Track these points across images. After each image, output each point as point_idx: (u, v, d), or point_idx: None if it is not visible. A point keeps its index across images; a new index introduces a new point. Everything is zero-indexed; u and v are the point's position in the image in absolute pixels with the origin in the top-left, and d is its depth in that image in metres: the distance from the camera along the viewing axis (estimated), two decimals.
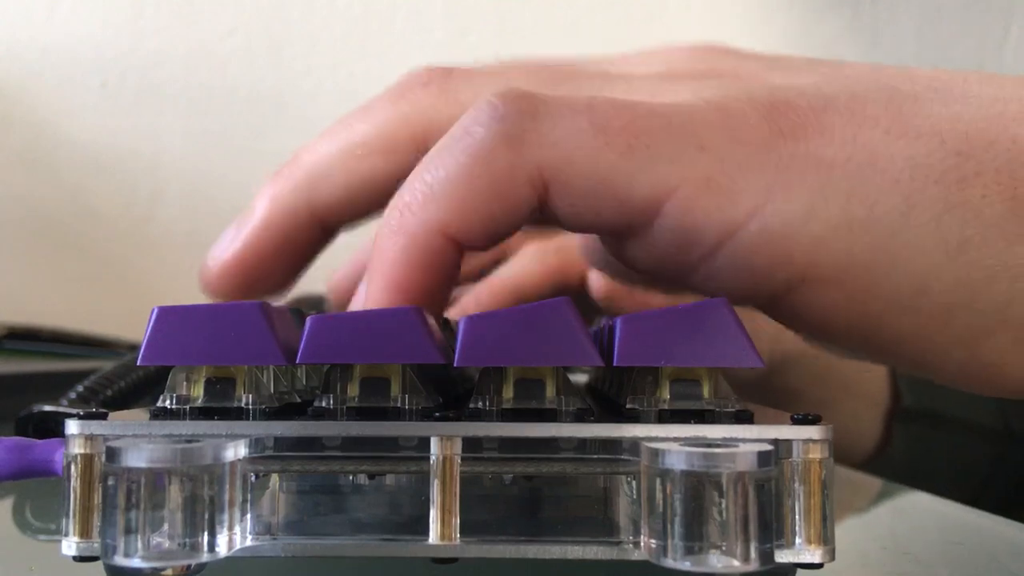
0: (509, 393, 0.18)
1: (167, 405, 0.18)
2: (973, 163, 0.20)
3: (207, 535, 0.16)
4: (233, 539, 0.16)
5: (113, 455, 0.15)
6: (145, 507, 0.15)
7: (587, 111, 0.21)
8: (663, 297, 0.38)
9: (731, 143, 0.20)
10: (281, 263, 0.26)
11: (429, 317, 0.19)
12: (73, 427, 0.17)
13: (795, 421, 0.17)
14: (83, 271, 0.86)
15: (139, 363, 0.18)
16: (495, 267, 0.44)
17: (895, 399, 0.48)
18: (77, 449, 0.17)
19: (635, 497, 0.17)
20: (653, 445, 0.16)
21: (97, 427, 0.17)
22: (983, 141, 0.20)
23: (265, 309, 0.18)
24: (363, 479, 0.19)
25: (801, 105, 0.21)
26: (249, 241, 0.26)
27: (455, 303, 0.43)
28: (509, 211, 0.21)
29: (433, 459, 0.17)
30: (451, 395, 0.21)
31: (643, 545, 0.16)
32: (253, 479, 0.17)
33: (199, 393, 0.18)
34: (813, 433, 0.17)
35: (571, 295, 0.42)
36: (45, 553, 0.22)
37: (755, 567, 0.15)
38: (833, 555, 0.17)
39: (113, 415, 0.17)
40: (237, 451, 0.16)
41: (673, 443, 0.16)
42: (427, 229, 0.21)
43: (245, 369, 0.18)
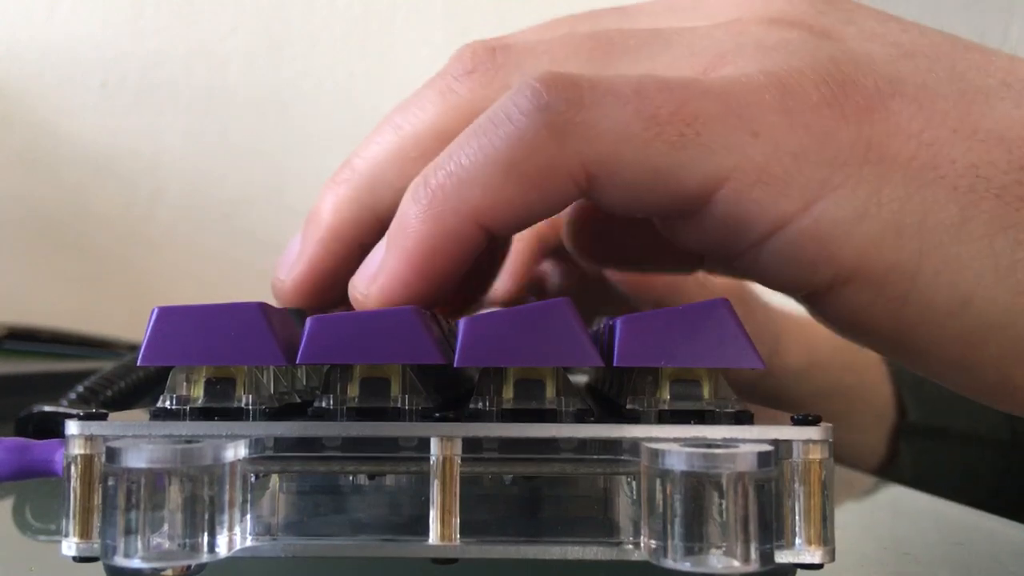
0: (509, 393, 0.18)
1: (167, 406, 0.18)
2: None
3: (207, 535, 0.16)
4: (233, 539, 0.16)
5: (113, 455, 0.15)
6: (145, 508, 0.15)
7: (635, 98, 0.20)
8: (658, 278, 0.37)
9: (788, 128, 0.19)
10: (351, 268, 0.26)
11: (429, 317, 0.19)
12: (73, 427, 0.17)
13: (795, 422, 0.17)
14: (83, 271, 0.86)
15: (139, 363, 0.17)
16: None
17: (901, 414, 0.47)
18: (77, 450, 0.17)
19: (635, 498, 0.17)
20: (653, 446, 0.16)
21: (97, 428, 0.17)
22: None
23: (265, 309, 0.18)
24: (363, 479, 0.19)
25: (868, 86, 0.20)
26: (319, 253, 0.25)
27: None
28: (547, 202, 0.20)
29: (433, 459, 0.17)
30: (451, 395, 0.21)
31: (643, 546, 0.16)
32: (253, 479, 0.17)
33: (199, 393, 0.18)
34: (813, 434, 0.17)
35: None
36: (45, 553, 0.22)
37: (755, 568, 0.15)
38: (833, 555, 0.17)
39: (113, 416, 0.17)
40: (237, 451, 0.16)
41: (673, 444, 0.16)
42: (459, 217, 0.20)
43: (245, 369, 0.18)
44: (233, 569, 0.18)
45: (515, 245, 0.41)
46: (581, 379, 0.29)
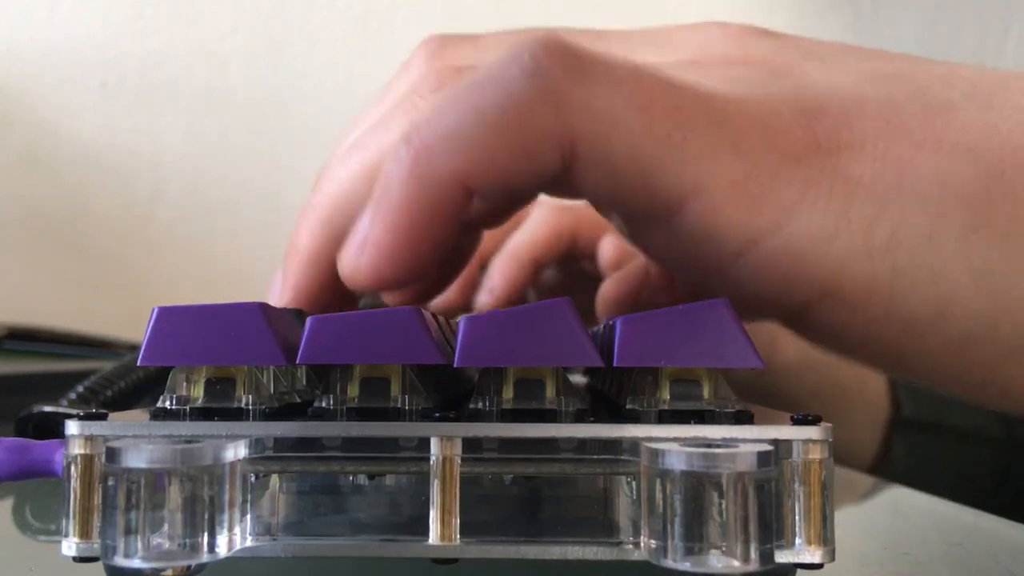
0: (509, 393, 0.18)
1: (167, 406, 0.18)
2: (1004, 186, 0.19)
3: (207, 536, 0.16)
4: (233, 540, 0.16)
5: (113, 456, 0.15)
6: (145, 508, 0.15)
7: (633, 82, 0.19)
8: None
9: (765, 147, 0.20)
10: (334, 288, 0.25)
11: (429, 317, 0.19)
12: (73, 428, 0.17)
13: (795, 421, 0.17)
14: (83, 271, 0.86)
15: (139, 363, 0.17)
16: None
17: (895, 409, 0.47)
18: (77, 450, 0.17)
19: (635, 497, 0.17)
20: (653, 445, 0.16)
21: (97, 428, 0.17)
22: (1016, 160, 0.20)
23: (265, 309, 0.18)
24: (363, 480, 0.19)
25: (834, 111, 0.20)
26: (301, 281, 0.25)
27: (478, 287, 0.42)
28: (533, 172, 0.20)
29: (433, 459, 0.17)
30: (451, 395, 0.21)
31: (643, 545, 0.16)
32: (253, 479, 0.17)
33: (199, 393, 0.18)
34: (813, 433, 0.17)
35: (583, 259, 0.42)
36: (45, 553, 0.22)
37: (755, 567, 0.15)
38: (833, 555, 0.17)
39: (113, 416, 0.17)
40: (237, 451, 0.16)
41: (673, 443, 0.16)
42: (444, 178, 0.19)
43: (245, 369, 0.18)
44: (233, 569, 0.18)
45: (508, 262, 0.42)
46: (581, 379, 0.29)
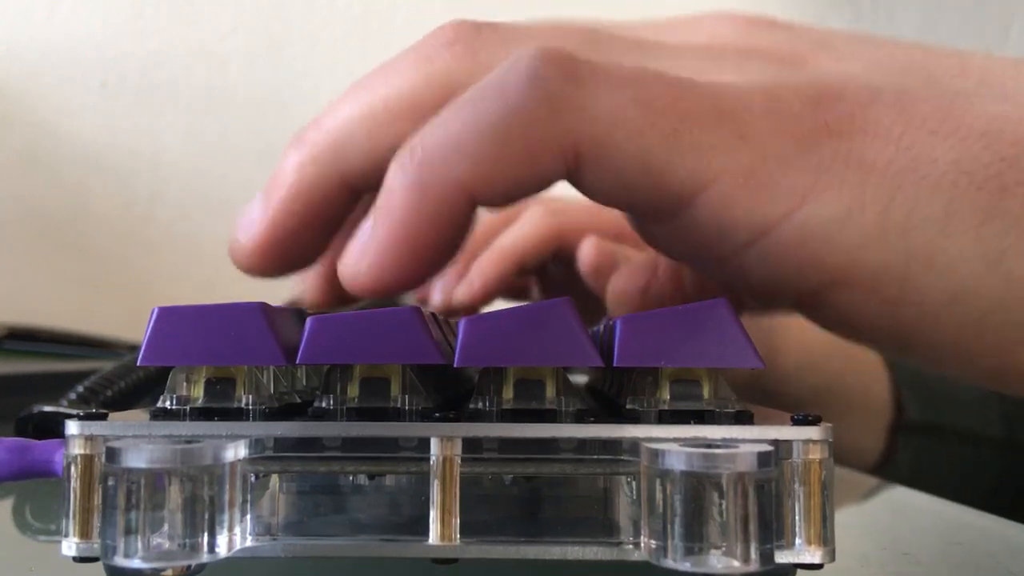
0: (509, 393, 0.18)
1: (167, 406, 0.18)
2: (1017, 170, 0.19)
3: (207, 536, 0.16)
4: (233, 540, 0.16)
5: (113, 456, 0.15)
6: (145, 508, 0.15)
7: (632, 84, 0.20)
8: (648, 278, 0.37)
9: (774, 134, 0.20)
10: (314, 233, 0.24)
11: (429, 317, 0.19)
12: (73, 428, 0.17)
13: (795, 422, 0.17)
14: (83, 271, 0.86)
15: (139, 363, 0.17)
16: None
17: (898, 412, 0.47)
18: (77, 450, 0.17)
19: (635, 498, 0.17)
20: (653, 446, 0.16)
21: (97, 428, 0.17)
22: None
23: (265, 309, 0.18)
24: (363, 480, 0.19)
25: (848, 97, 0.20)
26: (281, 213, 0.24)
27: (463, 283, 0.42)
28: (535, 178, 0.20)
29: (433, 460, 0.17)
30: (451, 395, 0.21)
31: (643, 546, 0.16)
32: (253, 479, 0.17)
33: (199, 394, 0.18)
34: (813, 434, 0.17)
35: (569, 260, 0.42)
36: (45, 554, 0.22)
37: (755, 568, 0.15)
38: (833, 556, 0.17)
39: (113, 416, 0.17)
40: (237, 452, 0.16)
41: (673, 444, 0.16)
42: (448, 186, 0.20)
43: (245, 369, 0.18)
44: (233, 569, 0.18)
45: (491, 260, 0.41)
46: (581, 379, 0.29)
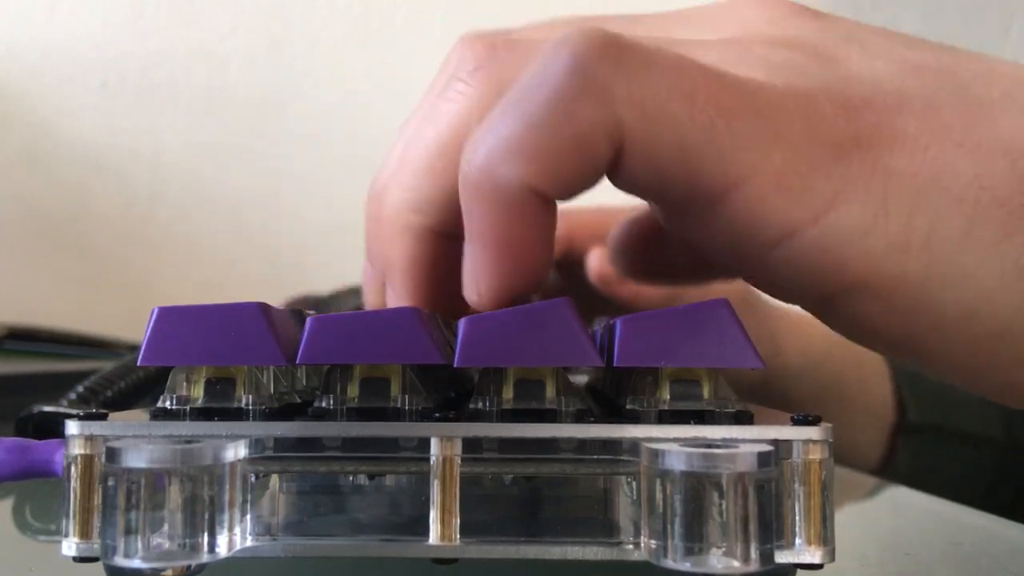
0: (509, 393, 0.18)
1: (167, 406, 0.18)
2: None
3: (207, 536, 0.16)
4: (233, 540, 0.16)
5: (113, 456, 0.15)
6: (145, 508, 0.15)
7: (676, 71, 0.20)
8: (655, 289, 0.37)
9: (807, 138, 0.20)
10: (443, 274, 0.25)
11: (429, 317, 0.19)
12: (73, 428, 0.17)
13: (795, 422, 0.17)
14: (83, 271, 0.86)
15: (139, 363, 0.17)
16: None
17: (900, 413, 0.47)
18: (77, 450, 0.17)
19: (635, 498, 0.17)
20: (653, 446, 0.16)
21: (97, 428, 0.17)
22: None
23: (265, 309, 0.18)
24: (363, 480, 0.19)
25: (876, 104, 0.20)
26: (407, 285, 0.25)
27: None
28: (591, 166, 0.20)
29: (433, 459, 0.17)
30: (451, 395, 0.21)
31: (643, 546, 0.16)
32: (253, 479, 0.17)
33: (199, 394, 0.18)
34: (813, 434, 0.17)
35: (576, 266, 0.42)
36: (45, 553, 0.22)
37: (755, 567, 0.15)
38: (833, 555, 0.17)
39: (113, 416, 0.17)
40: (237, 451, 0.16)
41: (673, 444, 0.16)
42: (511, 189, 0.20)
43: (245, 369, 0.18)
44: (233, 569, 0.18)
45: None
46: (581, 379, 0.29)
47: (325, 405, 0.18)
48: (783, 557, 0.16)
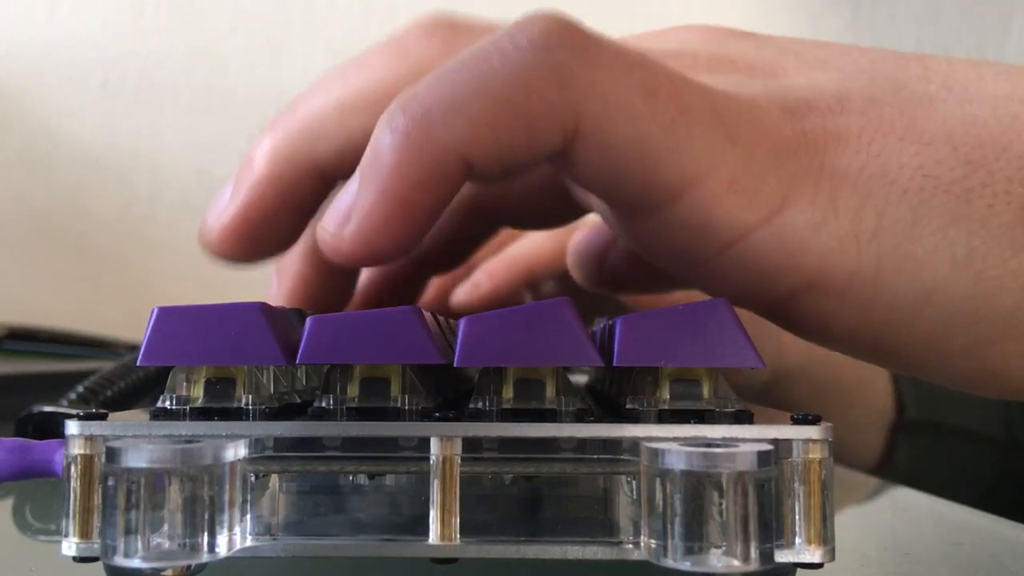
0: (509, 393, 0.18)
1: (167, 406, 0.18)
2: (983, 172, 0.20)
3: (207, 535, 0.16)
4: (233, 539, 0.16)
5: (113, 456, 0.15)
6: (145, 507, 0.15)
7: (641, 68, 0.20)
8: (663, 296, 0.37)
9: (757, 141, 0.20)
10: (286, 219, 0.24)
11: (429, 317, 0.19)
12: (73, 428, 0.17)
13: (795, 421, 0.17)
14: (83, 271, 0.86)
15: (139, 363, 0.17)
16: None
17: (899, 411, 0.47)
18: (77, 450, 0.17)
19: (635, 497, 0.17)
20: (653, 445, 0.16)
21: (97, 428, 0.17)
22: (995, 148, 0.20)
23: (265, 309, 0.18)
24: (363, 479, 0.19)
25: (819, 107, 0.21)
26: (252, 197, 0.24)
27: (466, 283, 0.42)
28: (532, 149, 0.19)
29: (433, 459, 0.17)
30: (451, 395, 0.21)
31: (643, 545, 0.16)
32: (253, 479, 0.17)
33: (199, 393, 0.18)
34: (813, 433, 0.17)
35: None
36: (45, 553, 0.22)
37: (755, 567, 0.15)
38: (833, 555, 0.17)
39: (113, 416, 0.17)
40: (237, 451, 0.16)
41: (673, 443, 0.16)
42: (443, 147, 0.19)
43: (245, 369, 0.18)
44: (233, 569, 0.18)
45: (502, 263, 0.41)
46: (581, 379, 0.29)
47: (325, 405, 0.18)
48: (783, 556, 0.16)
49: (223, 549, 0.16)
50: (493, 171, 0.20)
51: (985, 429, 0.48)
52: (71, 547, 0.16)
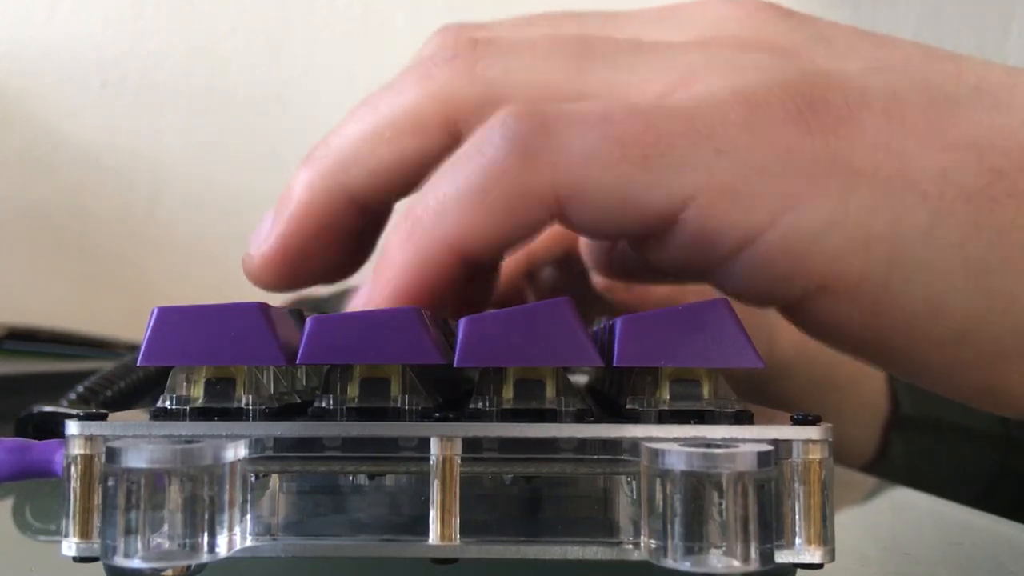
0: (509, 393, 0.18)
1: (167, 406, 0.18)
2: (1008, 183, 0.19)
3: (207, 536, 0.16)
4: (233, 539, 0.16)
5: (113, 456, 0.15)
6: (145, 508, 0.15)
7: (602, 123, 0.20)
8: (662, 290, 0.37)
9: (752, 145, 0.20)
10: (326, 248, 0.25)
11: (429, 317, 0.19)
12: (73, 428, 0.17)
13: (795, 421, 0.17)
14: (83, 271, 0.86)
15: (139, 363, 0.17)
16: None
17: (894, 406, 0.47)
18: (77, 450, 0.17)
19: (635, 497, 0.17)
20: (653, 445, 0.16)
21: (97, 428, 0.17)
22: (1021, 158, 0.19)
23: (265, 309, 0.18)
24: (363, 479, 0.19)
25: (837, 101, 0.20)
26: (289, 228, 0.25)
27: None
28: (520, 228, 0.21)
29: (433, 459, 0.17)
30: (451, 395, 0.21)
31: (643, 545, 0.16)
32: (253, 479, 0.17)
33: (199, 394, 0.18)
34: (813, 433, 0.17)
35: (574, 263, 0.42)
36: (45, 554, 0.22)
37: (755, 567, 0.15)
38: (833, 555, 0.17)
39: (113, 416, 0.17)
40: (237, 451, 0.16)
41: (673, 443, 0.16)
42: (435, 244, 0.21)
43: (245, 369, 0.18)
44: (233, 569, 0.18)
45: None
46: (581, 379, 0.29)
47: (325, 405, 0.18)
48: (783, 557, 0.16)
49: (223, 549, 0.16)
50: (489, 254, 0.22)
51: (982, 425, 0.48)
52: (71, 547, 0.16)
